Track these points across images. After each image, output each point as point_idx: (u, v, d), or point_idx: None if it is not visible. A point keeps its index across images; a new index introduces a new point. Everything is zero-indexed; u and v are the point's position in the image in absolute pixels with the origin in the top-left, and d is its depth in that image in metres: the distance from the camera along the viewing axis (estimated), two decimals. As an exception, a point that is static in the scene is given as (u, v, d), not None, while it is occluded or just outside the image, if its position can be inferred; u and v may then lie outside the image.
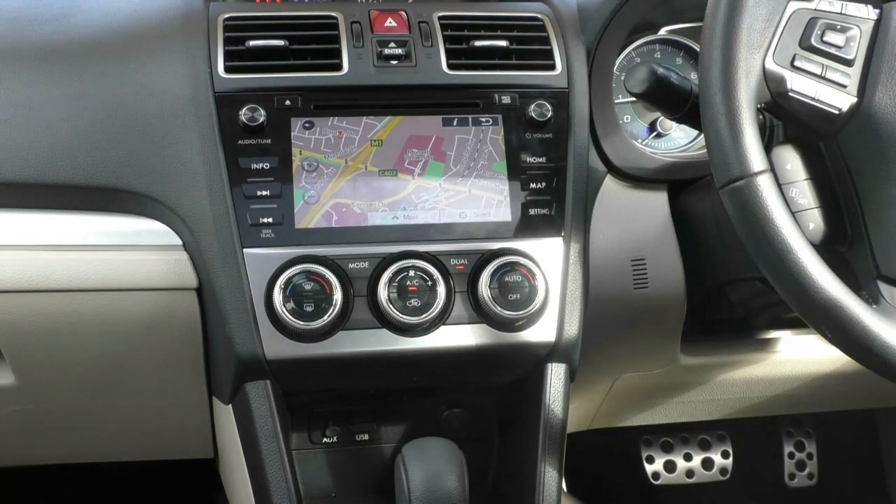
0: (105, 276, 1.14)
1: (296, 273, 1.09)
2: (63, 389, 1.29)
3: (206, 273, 1.13)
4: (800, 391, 1.61)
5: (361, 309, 1.12)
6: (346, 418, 1.29)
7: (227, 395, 1.18)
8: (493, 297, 1.12)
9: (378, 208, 1.15)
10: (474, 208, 1.17)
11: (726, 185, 0.92)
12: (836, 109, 0.96)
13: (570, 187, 1.19)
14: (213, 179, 1.13)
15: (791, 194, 0.99)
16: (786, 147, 1.01)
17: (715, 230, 1.21)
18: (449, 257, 1.14)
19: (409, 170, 1.17)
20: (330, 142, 1.16)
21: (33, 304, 1.15)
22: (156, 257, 1.15)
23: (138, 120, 1.16)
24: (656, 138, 1.37)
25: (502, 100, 1.20)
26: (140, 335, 1.19)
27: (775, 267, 0.91)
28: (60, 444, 1.48)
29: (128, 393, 1.31)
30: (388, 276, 1.11)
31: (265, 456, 1.14)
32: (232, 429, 1.19)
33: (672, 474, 2.06)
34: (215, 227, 1.12)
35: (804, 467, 2.12)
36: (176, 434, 1.43)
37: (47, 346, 1.20)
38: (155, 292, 1.15)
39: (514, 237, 1.16)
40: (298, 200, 1.13)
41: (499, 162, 1.18)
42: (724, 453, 2.08)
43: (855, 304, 0.89)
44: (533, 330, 1.15)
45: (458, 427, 1.29)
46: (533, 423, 1.19)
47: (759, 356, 1.47)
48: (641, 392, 1.53)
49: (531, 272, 1.14)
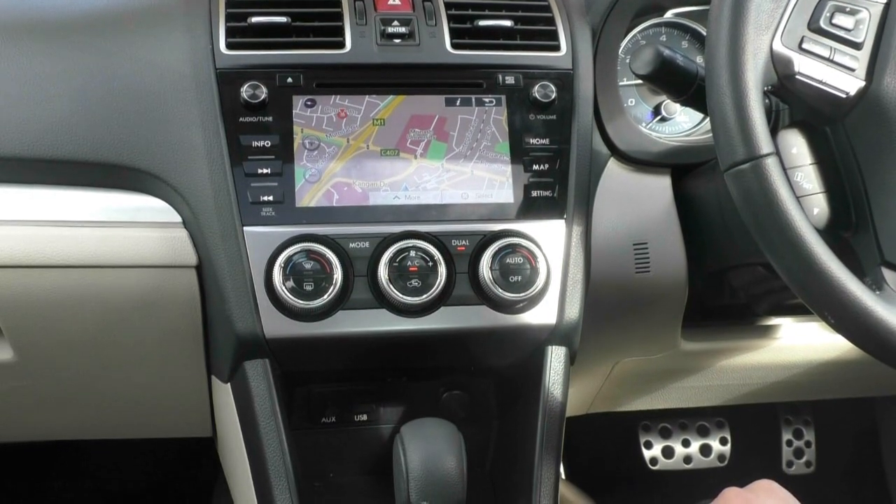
0: (104, 252, 1.13)
1: (296, 252, 1.09)
2: (62, 366, 1.29)
3: (205, 251, 1.13)
4: (799, 378, 1.60)
5: (361, 289, 1.11)
6: (345, 399, 1.28)
7: (225, 373, 1.18)
8: (494, 279, 1.11)
9: (379, 188, 1.14)
10: (476, 189, 1.16)
11: (731, 168, 0.91)
12: (843, 93, 0.95)
13: (573, 170, 1.19)
14: (213, 156, 1.12)
15: (796, 179, 0.98)
16: (791, 131, 1.00)
17: (718, 215, 1.20)
18: (450, 238, 1.13)
19: (411, 150, 1.16)
20: (332, 120, 1.15)
21: (32, 280, 1.14)
22: (155, 234, 1.14)
23: (139, 96, 1.15)
24: (660, 122, 1.36)
25: (506, 80, 1.19)
26: (139, 312, 1.19)
27: (779, 251, 0.90)
28: (59, 421, 1.48)
29: (126, 370, 1.31)
30: (389, 256, 1.10)
31: (263, 435, 1.14)
32: (230, 408, 1.19)
33: (670, 460, 2.07)
34: (215, 204, 1.11)
35: (802, 455, 2.12)
36: (174, 412, 1.43)
37: (46, 322, 1.19)
38: (154, 269, 1.15)
39: (516, 219, 1.16)
40: (299, 179, 1.13)
41: (502, 143, 1.18)
42: (722, 440, 2.08)
43: (859, 289, 0.88)
44: (533, 312, 1.15)
45: (457, 409, 1.28)
46: (532, 405, 1.19)
47: (759, 343, 1.46)
48: (641, 377, 1.53)
49: (533, 254, 1.13)
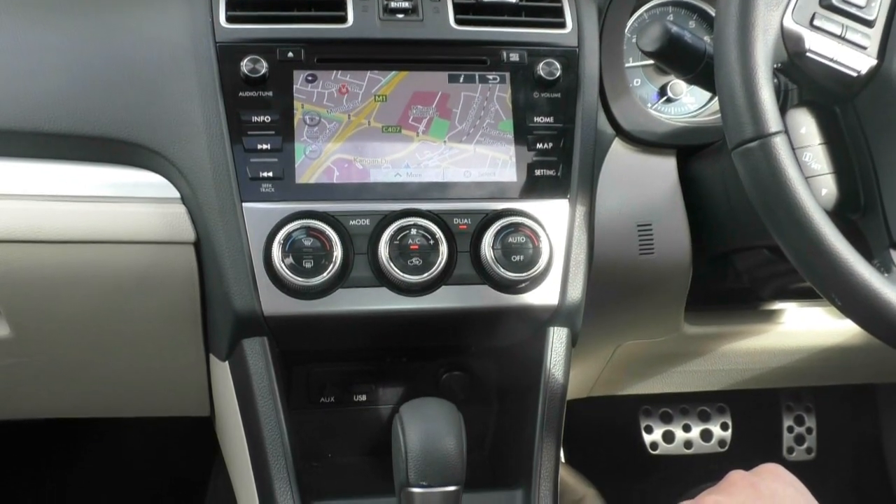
0: (101, 227, 1.12)
1: (295, 228, 1.08)
2: (59, 343, 1.28)
3: (203, 227, 1.11)
4: (802, 364, 1.60)
5: (361, 267, 1.10)
6: (344, 379, 1.28)
7: (223, 351, 1.17)
8: (496, 258, 1.10)
9: (381, 165, 1.13)
10: (479, 167, 1.14)
11: (739, 147, 0.89)
12: (854, 71, 0.93)
13: (578, 149, 1.17)
14: (212, 132, 1.10)
15: (804, 159, 0.97)
16: (800, 110, 0.98)
17: (723, 197, 1.19)
18: (452, 216, 1.12)
19: (413, 126, 1.15)
20: (333, 96, 1.14)
21: (28, 255, 1.13)
22: (153, 210, 1.13)
23: (137, 69, 1.13)
24: (666, 103, 1.34)
25: (510, 57, 1.17)
26: (136, 289, 1.18)
27: (786, 231, 0.89)
28: (57, 399, 1.47)
29: (124, 348, 1.30)
30: (390, 233, 1.09)
31: (261, 414, 1.13)
32: (228, 386, 1.18)
33: (670, 445, 2.06)
34: (214, 180, 1.10)
35: (803, 441, 2.11)
36: (173, 391, 1.42)
37: (43, 299, 1.18)
38: (152, 245, 1.13)
39: (519, 198, 1.14)
40: (300, 155, 1.11)
41: (505, 121, 1.16)
42: (723, 425, 2.08)
43: (867, 271, 0.87)
44: (535, 292, 1.13)
45: (457, 390, 1.28)
46: (533, 387, 1.18)
47: (763, 327, 1.46)
48: (643, 360, 1.52)
49: (535, 234, 1.12)
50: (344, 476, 1.27)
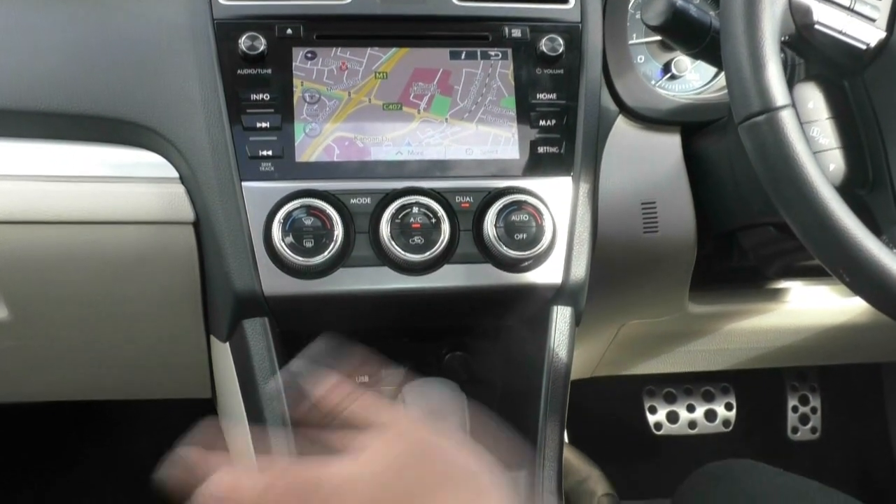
0: (99, 208, 1.11)
1: (296, 207, 1.06)
2: (58, 324, 1.27)
3: (203, 206, 1.10)
4: (807, 343, 1.59)
5: (363, 246, 1.09)
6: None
7: (224, 332, 1.16)
8: (499, 236, 1.09)
9: (381, 143, 1.11)
10: (481, 145, 1.13)
11: (746, 121, 0.88)
12: (863, 44, 0.92)
13: (581, 126, 1.16)
14: (211, 110, 1.09)
15: (812, 133, 0.95)
16: (808, 84, 0.97)
17: (729, 174, 1.17)
18: (454, 194, 1.11)
19: (414, 104, 1.13)
20: (333, 73, 1.12)
21: (25, 236, 1.12)
22: (151, 190, 1.12)
23: (134, 47, 1.12)
24: (670, 80, 1.33)
25: (512, 33, 1.16)
26: (135, 270, 1.17)
27: (793, 206, 0.88)
28: (56, 381, 1.47)
29: (124, 329, 1.29)
30: (391, 212, 1.08)
31: (263, 395, 1.12)
32: (229, 367, 1.17)
33: (674, 425, 2.06)
34: (213, 159, 1.09)
35: (808, 421, 2.11)
36: (173, 373, 1.42)
37: (40, 280, 1.17)
38: (150, 226, 1.12)
39: (522, 175, 1.13)
40: (299, 133, 1.10)
41: (507, 98, 1.15)
42: (727, 405, 2.07)
43: (876, 247, 0.86)
44: (539, 271, 1.12)
45: (460, 370, 1.26)
46: (537, 366, 1.17)
47: (768, 306, 1.45)
48: (647, 340, 1.51)
49: (538, 211, 1.10)
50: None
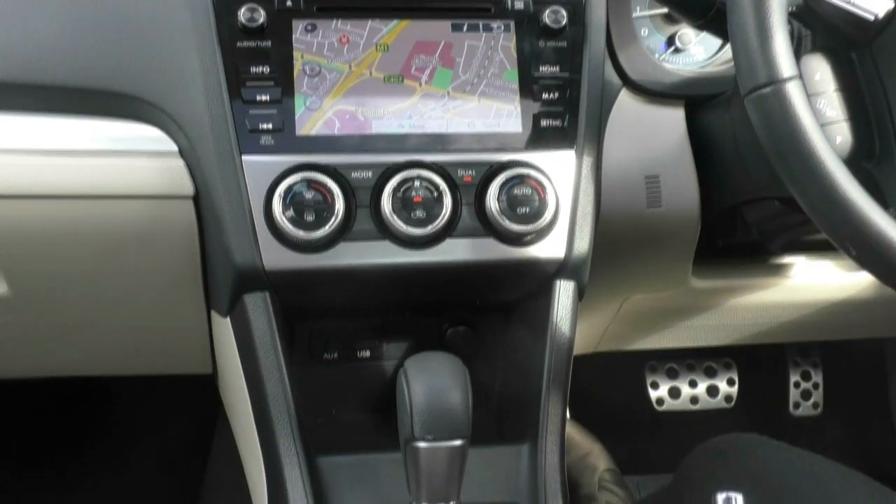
0: (97, 182, 1.10)
1: (296, 181, 1.05)
2: (58, 300, 1.27)
3: (202, 180, 1.09)
4: (811, 318, 1.58)
5: (364, 220, 1.08)
6: (347, 335, 1.26)
7: (225, 307, 1.15)
8: (502, 210, 1.08)
9: (383, 116, 1.10)
10: (483, 118, 1.12)
11: (752, 92, 0.87)
12: (871, 15, 0.91)
13: (584, 99, 1.15)
14: (210, 83, 1.08)
15: (818, 106, 0.94)
16: (815, 56, 0.96)
17: (733, 147, 1.17)
18: (456, 168, 1.10)
19: (415, 77, 1.12)
20: (333, 46, 1.11)
21: (24, 211, 1.11)
22: (150, 164, 1.11)
23: (133, 20, 1.11)
24: (674, 53, 1.31)
25: (515, 5, 1.14)
26: (135, 245, 1.16)
27: (800, 179, 0.87)
28: (57, 357, 1.46)
29: (124, 305, 1.29)
30: (393, 186, 1.07)
31: (264, 370, 1.12)
32: (230, 342, 1.16)
33: (676, 400, 2.06)
34: (213, 132, 1.08)
35: (809, 396, 2.11)
36: (174, 348, 1.41)
37: (39, 255, 1.17)
38: (150, 200, 1.12)
39: (525, 149, 1.12)
40: (300, 106, 1.09)
41: (510, 71, 1.13)
42: (729, 381, 2.07)
43: (883, 220, 0.85)
44: (542, 245, 1.12)
45: (462, 345, 1.26)
46: (539, 341, 1.16)
47: (771, 281, 1.44)
48: (650, 314, 1.51)
49: (541, 185, 1.10)
50: (348, 432, 1.26)
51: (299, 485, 1.10)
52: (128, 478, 1.91)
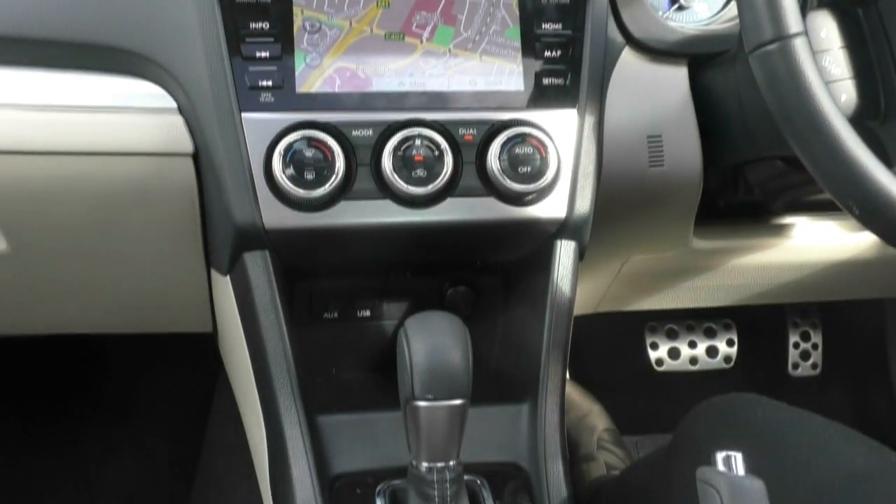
0: (96, 138, 1.09)
1: (296, 139, 1.05)
2: (58, 257, 1.26)
3: (202, 138, 1.08)
4: (811, 279, 1.58)
5: (364, 178, 1.07)
6: (347, 295, 1.26)
7: (224, 266, 1.15)
8: (503, 169, 1.07)
9: (383, 73, 1.09)
10: (485, 76, 1.11)
11: (757, 49, 0.86)
12: (878, -30, 0.89)
13: (587, 57, 1.13)
14: (209, 39, 1.07)
15: (823, 63, 0.93)
16: (821, 12, 0.95)
17: (736, 106, 1.15)
18: (457, 126, 1.09)
19: (416, 34, 1.11)
20: (333, 1, 1.09)
21: (22, 167, 1.10)
22: (149, 121, 1.10)
23: None
24: (678, 11, 1.30)
25: None
26: (134, 203, 1.15)
27: (804, 137, 0.86)
28: (58, 315, 1.46)
29: (124, 263, 1.28)
30: (393, 144, 1.06)
31: (264, 328, 1.12)
32: (230, 301, 1.16)
33: (675, 361, 2.06)
34: (212, 89, 1.07)
35: (808, 357, 2.11)
36: (174, 307, 1.41)
37: (38, 212, 1.16)
38: (149, 157, 1.11)
39: (527, 108, 1.11)
40: (300, 63, 1.08)
41: (512, 28, 1.12)
42: (728, 342, 2.07)
43: (887, 178, 0.84)
44: (543, 205, 1.11)
45: (462, 306, 1.26)
46: (540, 301, 1.16)
47: (773, 241, 1.44)
48: (650, 275, 1.51)
49: (543, 144, 1.09)
50: (348, 391, 1.26)
51: (300, 443, 1.10)
52: (129, 436, 1.92)
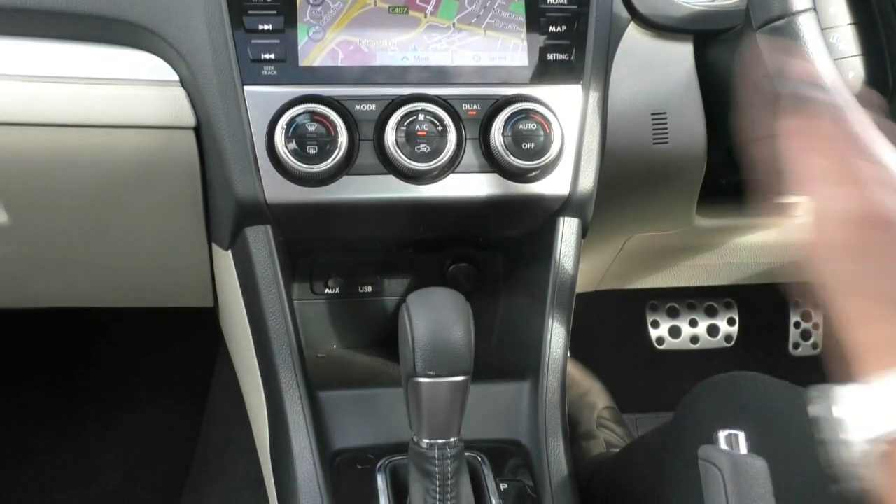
0: (98, 110, 1.08)
1: (299, 113, 1.04)
2: (58, 230, 1.26)
3: (204, 111, 1.07)
4: (814, 258, 1.57)
5: (367, 153, 1.07)
6: (349, 270, 1.26)
7: (226, 240, 1.14)
8: (506, 146, 1.07)
9: (387, 48, 1.08)
10: (489, 51, 1.10)
11: (765, 25, 0.85)
12: (888, -54, 0.89)
13: (592, 33, 1.12)
14: (211, 11, 1.06)
15: (831, 40, 0.92)
16: (830, -12, 0.94)
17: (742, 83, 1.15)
18: (461, 102, 1.08)
19: (420, 7, 1.10)
20: None
21: (24, 139, 1.10)
22: (152, 93, 1.09)
23: None
24: (684, -14, 1.29)
25: None
26: (136, 176, 1.15)
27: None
28: (60, 288, 1.46)
29: (125, 236, 1.28)
30: (397, 119, 1.05)
31: (265, 303, 1.11)
32: (231, 275, 1.16)
33: (676, 340, 2.06)
34: (214, 62, 1.06)
35: (809, 337, 2.11)
36: (175, 281, 1.41)
37: (39, 184, 1.16)
38: (151, 130, 1.10)
39: (531, 83, 1.10)
40: (303, 36, 1.07)
41: (517, 2, 1.11)
42: (729, 321, 2.07)
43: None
44: (546, 181, 1.10)
45: (464, 282, 1.26)
46: (542, 278, 1.16)
47: (775, 220, 1.43)
48: (653, 253, 1.50)
49: (547, 120, 1.08)
50: (350, 366, 1.26)
51: (300, 417, 1.10)
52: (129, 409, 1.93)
